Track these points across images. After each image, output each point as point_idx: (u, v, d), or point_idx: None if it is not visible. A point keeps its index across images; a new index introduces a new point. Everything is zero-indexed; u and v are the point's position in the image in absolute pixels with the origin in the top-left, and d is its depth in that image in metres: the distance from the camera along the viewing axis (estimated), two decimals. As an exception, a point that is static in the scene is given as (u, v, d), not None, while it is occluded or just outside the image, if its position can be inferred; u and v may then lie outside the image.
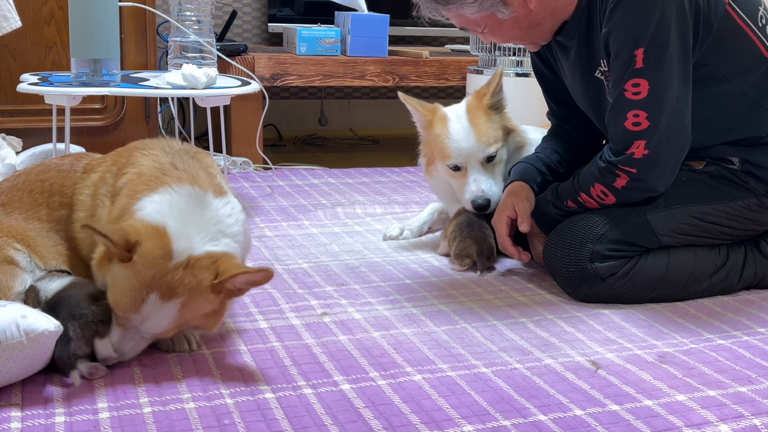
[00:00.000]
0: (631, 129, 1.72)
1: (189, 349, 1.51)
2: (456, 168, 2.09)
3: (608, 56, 1.76)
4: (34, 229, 1.55)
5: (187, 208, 1.39)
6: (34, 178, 1.60)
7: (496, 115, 2.11)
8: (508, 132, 2.13)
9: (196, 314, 1.37)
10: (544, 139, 2.15)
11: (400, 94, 2.14)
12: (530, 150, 2.14)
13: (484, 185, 2.06)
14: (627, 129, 1.73)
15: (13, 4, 2.55)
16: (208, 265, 1.34)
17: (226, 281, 1.34)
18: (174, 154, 1.51)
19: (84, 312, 1.38)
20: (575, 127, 2.11)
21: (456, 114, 2.11)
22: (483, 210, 2.07)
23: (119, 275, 1.35)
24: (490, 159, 2.08)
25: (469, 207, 2.09)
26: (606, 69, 1.80)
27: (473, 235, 2.04)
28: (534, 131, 2.25)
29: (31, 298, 1.50)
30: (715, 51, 1.75)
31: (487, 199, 2.06)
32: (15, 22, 2.55)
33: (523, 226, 1.94)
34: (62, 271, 1.54)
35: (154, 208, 1.38)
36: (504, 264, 2.10)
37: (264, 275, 1.34)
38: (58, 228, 1.55)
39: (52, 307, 1.41)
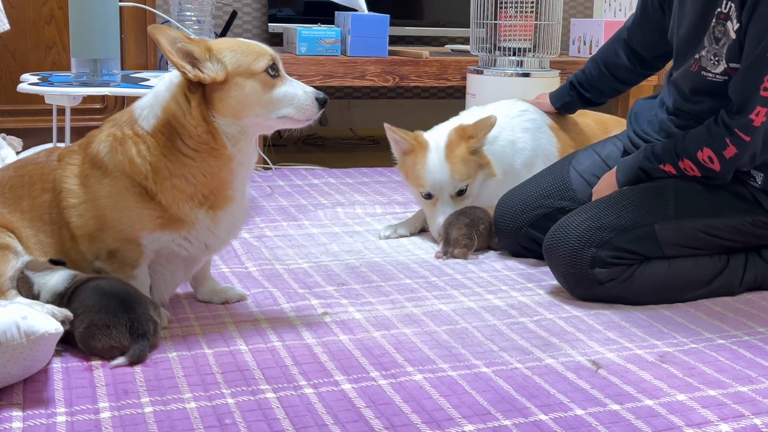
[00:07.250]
0: (761, 94, 1.69)
1: (243, 296, 1.79)
2: (428, 196, 2.21)
3: (752, 7, 1.70)
4: (17, 221, 1.58)
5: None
6: (13, 174, 1.64)
7: (473, 155, 2.20)
8: (481, 167, 2.22)
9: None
10: (601, 50, 2.31)
11: (386, 126, 2.24)
12: (498, 181, 2.25)
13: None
14: (757, 93, 1.69)
15: (1, 8, 2.55)
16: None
17: None
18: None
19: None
20: (623, 64, 2.23)
21: (436, 145, 2.21)
22: None
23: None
24: (460, 193, 2.20)
25: (435, 235, 2.22)
26: (728, 13, 1.76)
27: (450, 221, 2.14)
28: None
29: (24, 289, 1.50)
30: None
31: None
32: (3, 24, 2.56)
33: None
34: (56, 263, 1.54)
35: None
36: (504, 263, 2.10)
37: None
38: (42, 213, 1.58)
39: (123, 299, 1.46)
